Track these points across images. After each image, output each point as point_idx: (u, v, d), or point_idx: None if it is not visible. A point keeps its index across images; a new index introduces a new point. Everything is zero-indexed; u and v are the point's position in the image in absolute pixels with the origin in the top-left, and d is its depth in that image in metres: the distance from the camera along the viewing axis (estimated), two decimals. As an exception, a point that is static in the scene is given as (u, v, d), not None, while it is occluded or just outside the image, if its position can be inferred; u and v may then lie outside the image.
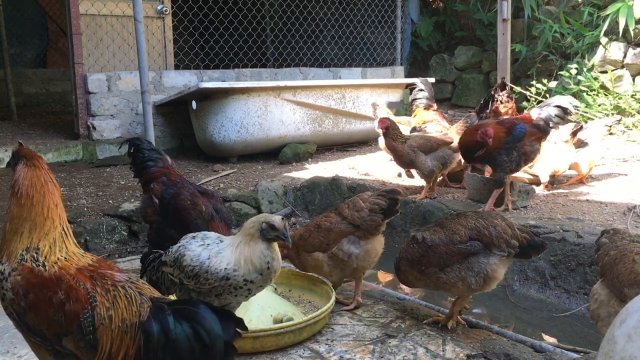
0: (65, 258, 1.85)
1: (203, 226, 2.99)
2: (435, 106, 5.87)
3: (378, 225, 2.84)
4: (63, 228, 1.90)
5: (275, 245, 2.28)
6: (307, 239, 2.93)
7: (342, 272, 2.92)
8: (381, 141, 5.41)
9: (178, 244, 2.42)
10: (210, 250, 2.30)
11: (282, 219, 2.24)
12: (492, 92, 5.14)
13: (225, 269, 2.23)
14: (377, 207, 2.80)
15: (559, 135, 4.78)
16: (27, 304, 1.76)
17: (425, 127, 5.41)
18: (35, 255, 1.81)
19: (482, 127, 4.11)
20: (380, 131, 4.88)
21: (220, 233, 3.00)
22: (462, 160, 4.90)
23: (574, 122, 5.18)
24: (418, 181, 5.35)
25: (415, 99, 5.92)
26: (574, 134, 4.72)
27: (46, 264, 1.81)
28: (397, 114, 6.79)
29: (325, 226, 2.88)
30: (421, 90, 5.90)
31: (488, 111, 5.01)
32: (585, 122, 6.45)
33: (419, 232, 2.76)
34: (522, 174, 4.79)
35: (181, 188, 3.17)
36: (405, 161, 4.79)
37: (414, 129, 5.51)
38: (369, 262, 2.91)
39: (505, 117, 5.10)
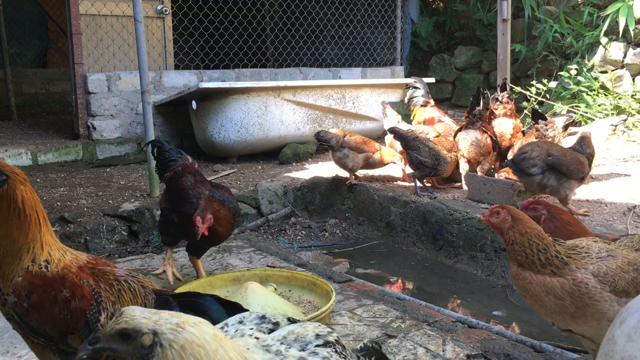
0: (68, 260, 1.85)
1: (198, 205, 3.14)
2: (432, 102, 5.87)
3: None
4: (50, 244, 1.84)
5: None
6: None
7: None
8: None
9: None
10: None
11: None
12: (481, 89, 5.05)
13: None
14: None
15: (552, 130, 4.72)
16: (30, 305, 1.74)
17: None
18: (36, 258, 1.81)
19: None
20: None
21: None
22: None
23: (567, 115, 5.14)
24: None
25: (412, 98, 5.92)
26: (566, 127, 4.69)
27: (49, 266, 1.79)
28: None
29: None
30: (417, 88, 5.91)
31: (480, 108, 4.89)
32: (586, 122, 6.45)
33: None
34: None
35: (189, 174, 3.35)
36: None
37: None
38: None
39: (504, 118, 5.09)
